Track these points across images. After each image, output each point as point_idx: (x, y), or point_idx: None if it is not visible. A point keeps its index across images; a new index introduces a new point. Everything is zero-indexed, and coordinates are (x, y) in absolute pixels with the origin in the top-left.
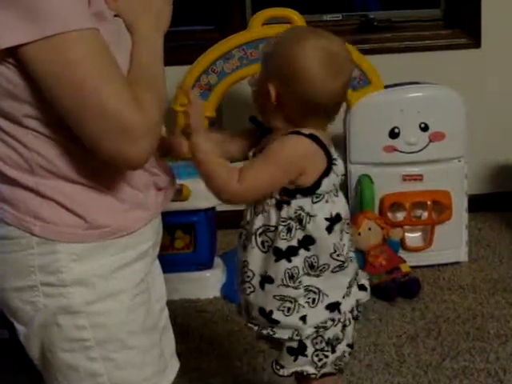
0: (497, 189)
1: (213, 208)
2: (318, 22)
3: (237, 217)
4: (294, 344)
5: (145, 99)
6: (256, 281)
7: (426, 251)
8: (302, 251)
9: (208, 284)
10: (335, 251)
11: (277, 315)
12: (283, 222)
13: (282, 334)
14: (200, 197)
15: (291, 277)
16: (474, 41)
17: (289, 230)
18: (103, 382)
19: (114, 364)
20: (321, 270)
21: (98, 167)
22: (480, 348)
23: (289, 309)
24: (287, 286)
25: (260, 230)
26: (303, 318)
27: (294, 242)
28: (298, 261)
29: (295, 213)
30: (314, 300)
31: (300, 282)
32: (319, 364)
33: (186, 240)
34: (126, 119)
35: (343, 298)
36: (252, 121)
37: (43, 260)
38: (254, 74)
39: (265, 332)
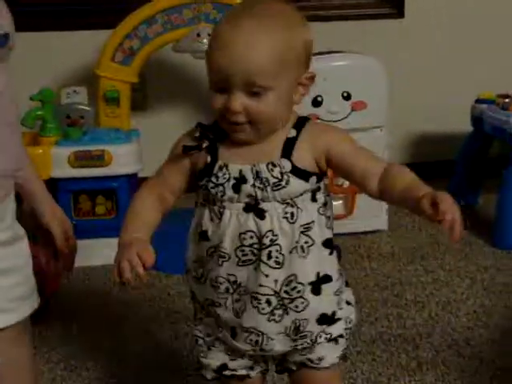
0: (418, 159)
1: (135, 174)
2: None
3: None
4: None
5: None
6: (307, 291)
7: (347, 219)
8: None
9: None
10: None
11: (339, 313)
12: (320, 210)
13: (338, 329)
14: (121, 162)
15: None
16: (397, 10)
17: (327, 217)
18: None
19: None
20: None
21: None
22: (397, 314)
23: (338, 301)
24: (341, 275)
25: (300, 233)
26: (348, 303)
27: None
28: None
29: (323, 197)
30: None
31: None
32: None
33: (107, 206)
34: None
35: None
36: (201, 126)
37: None
38: (178, 39)
39: (321, 340)
